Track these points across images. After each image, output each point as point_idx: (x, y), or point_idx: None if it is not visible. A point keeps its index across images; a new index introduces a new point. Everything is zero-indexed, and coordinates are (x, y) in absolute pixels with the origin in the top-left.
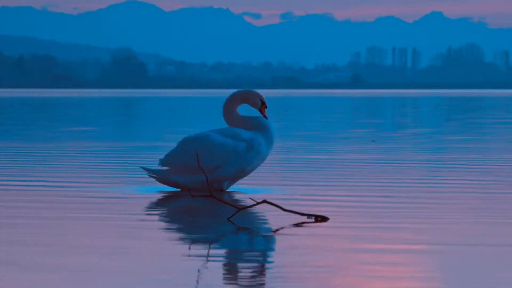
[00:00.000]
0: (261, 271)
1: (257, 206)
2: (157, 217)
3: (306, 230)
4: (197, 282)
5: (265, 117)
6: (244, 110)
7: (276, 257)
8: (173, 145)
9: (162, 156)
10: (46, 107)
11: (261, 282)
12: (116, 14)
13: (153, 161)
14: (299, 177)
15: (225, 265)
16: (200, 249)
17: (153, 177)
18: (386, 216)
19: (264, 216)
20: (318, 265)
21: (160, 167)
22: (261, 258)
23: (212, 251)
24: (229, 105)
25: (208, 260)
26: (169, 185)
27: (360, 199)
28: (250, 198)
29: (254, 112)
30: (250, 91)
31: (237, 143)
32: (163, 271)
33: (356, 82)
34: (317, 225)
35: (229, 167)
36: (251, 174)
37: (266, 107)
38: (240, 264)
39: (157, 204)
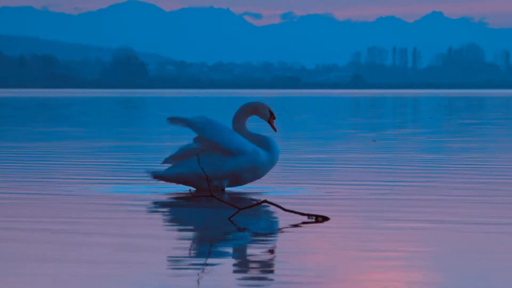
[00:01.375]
0: (261, 270)
1: (257, 206)
2: (157, 217)
3: (307, 230)
4: (198, 282)
5: (274, 128)
6: (253, 120)
7: (277, 257)
8: (172, 144)
9: (165, 156)
10: (45, 107)
11: (261, 281)
12: (116, 14)
13: (153, 161)
14: (299, 177)
15: (225, 265)
16: (200, 249)
17: (159, 178)
18: (387, 216)
19: (265, 216)
20: (318, 265)
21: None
22: (261, 258)
23: (213, 251)
24: (239, 117)
25: (208, 260)
26: (170, 181)
27: (361, 199)
28: (250, 198)
29: (262, 123)
30: (259, 102)
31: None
32: (164, 270)
33: (356, 82)
34: (317, 225)
35: (224, 166)
36: None
37: (274, 118)
38: (240, 264)
39: (158, 204)
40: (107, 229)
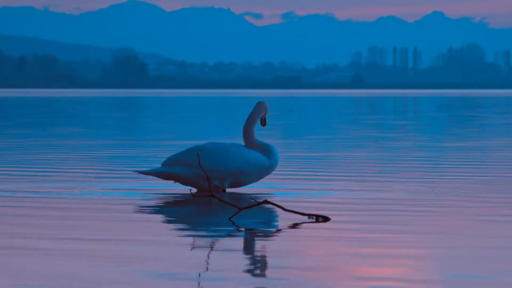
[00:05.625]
0: (261, 271)
1: (258, 206)
2: (158, 217)
3: (307, 231)
4: (198, 281)
5: (266, 123)
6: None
7: (277, 257)
8: (171, 142)
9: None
10: (47, 106)
11: (261, 282)
12: (117, 14)
13: (152, 161)
14: (300, 177)
15: (225, 265)
16: (201, 249)
17: (149, 175)
18: (388, 217)
19: (265, 216)
20: (319, 266)
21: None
22: (261, 258)
23: (213, 251)
24: (254, 117)
25: (208, 260)
26: (166, 178)
27: (362, 199)
28: (251, 198)
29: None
30: (265, 102)
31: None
32: (164, 270)
33: (357, 82)
34: (318, 225)
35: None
36: None
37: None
38: (240, 264)
39: (159, 204)
40: (107, 228)
